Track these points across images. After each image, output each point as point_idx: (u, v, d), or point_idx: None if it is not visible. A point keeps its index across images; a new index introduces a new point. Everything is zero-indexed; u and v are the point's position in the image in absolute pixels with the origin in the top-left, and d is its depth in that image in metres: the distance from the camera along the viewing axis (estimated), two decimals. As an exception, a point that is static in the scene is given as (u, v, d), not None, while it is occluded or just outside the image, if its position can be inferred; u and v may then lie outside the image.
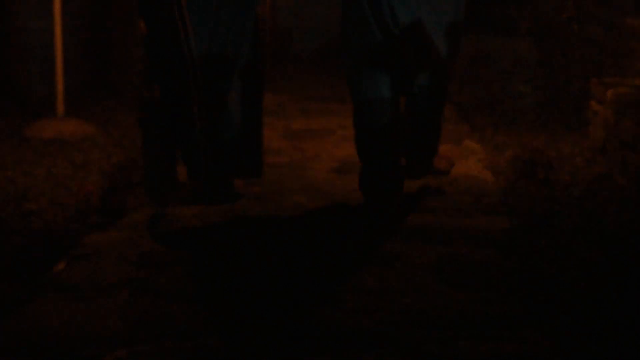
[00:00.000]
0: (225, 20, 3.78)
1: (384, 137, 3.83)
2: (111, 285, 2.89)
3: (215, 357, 2.42)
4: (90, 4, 6.78)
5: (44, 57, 6.15)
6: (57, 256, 3.20)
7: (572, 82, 5.92)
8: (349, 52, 3.83)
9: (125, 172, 4.39)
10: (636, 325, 2.63)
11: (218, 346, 2.48)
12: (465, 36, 4.11)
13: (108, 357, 2.40)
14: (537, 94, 6.09)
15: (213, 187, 3.96)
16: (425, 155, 4.21)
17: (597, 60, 5.69)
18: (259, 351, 2.47)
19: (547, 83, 6.08)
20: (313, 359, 2.40)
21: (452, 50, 3.97)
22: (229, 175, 3.98)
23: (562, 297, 2.81)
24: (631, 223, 3.57)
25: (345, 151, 4.90)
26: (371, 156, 3.86)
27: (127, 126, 5.55)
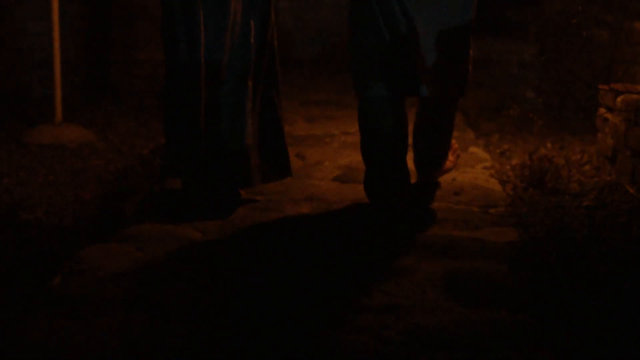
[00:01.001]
0: (239, 25, 3.73)
1: (388, 138, 3.75)
2: (108, 302, 2.79)
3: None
4: (89, 6, 6.69)
5: (43, 60, 6.07)
6: (52, 270, 3.11)
7: (579, 87, 5.82)
8: (355, 51, 3.76)
9: (124, 180, 4.30)
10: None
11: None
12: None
13: (104, 379, 2.31)
14: (543, 98, 5.99)
15: (214, 195, 3.89)
16: (434, 162, 4.13)
17: (604, 65, 5.59)
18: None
19: (553, 88, 5.98)
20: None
21: (461, 53, 3.89)
22: (233, 184, 3.91)
23: (576, 315, 2.72)
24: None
25: (348, 158, 4.81)
26: (374, 157, 3.79)
27: (126, 132, 5.47)
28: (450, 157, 4.26)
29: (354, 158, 4.78)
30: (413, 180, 4.13)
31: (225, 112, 3.78)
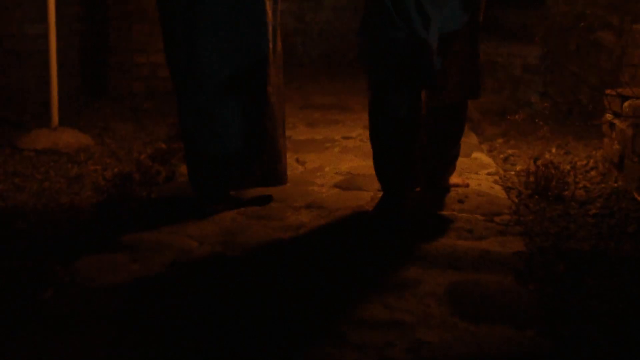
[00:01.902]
0: (238, 32, 3.67)
1: (395, 130, 3.66)
2: (100, 318, 2.69)
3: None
4: (87, 8, 6.60)
5: (40, 63, 5.98)
6: (45, 282, 3.01)
7: (584, 91, 5.74)
8: (368, 44, 3.67)
9: (120, 186, 4.20)
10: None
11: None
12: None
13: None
14: (549, 103, 5.90)
15: (208, 198, 3.82)
16: (440, 167, 4.05)
17: (611, 69, 5.50)
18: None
19: (558, 92, 5.90)
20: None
21: (469, 56, 3.81)
22: (228, 187, 3.84)
23: (586, 331, 2.62)
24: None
25: (349, 163, 4.72)
26: (384, 139, 3.68)
27: (123, 136, 5.38)
28: (458, 179, 4.19)
29: (355, 163, 4.69)
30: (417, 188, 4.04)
31: (242, 117, 3.73)
